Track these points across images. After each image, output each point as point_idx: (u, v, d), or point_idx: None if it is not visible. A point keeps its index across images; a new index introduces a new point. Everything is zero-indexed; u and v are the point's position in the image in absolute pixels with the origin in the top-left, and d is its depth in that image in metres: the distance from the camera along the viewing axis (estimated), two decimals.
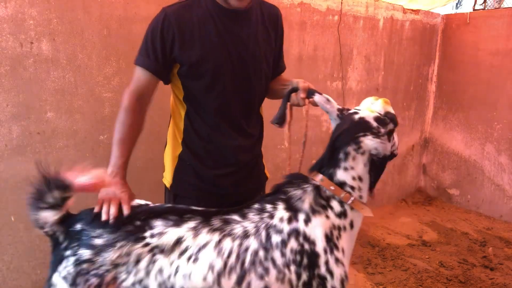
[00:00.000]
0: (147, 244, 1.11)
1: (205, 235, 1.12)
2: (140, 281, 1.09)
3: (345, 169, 1.20)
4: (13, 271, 2.13)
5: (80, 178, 1.11)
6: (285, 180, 1.25)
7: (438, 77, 4.16)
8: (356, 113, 1.23)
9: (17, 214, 2.10)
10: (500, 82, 3.69)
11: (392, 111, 1.25)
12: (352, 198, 1.20)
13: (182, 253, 1.10)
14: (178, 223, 1.14)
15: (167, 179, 1.59)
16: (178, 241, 1.11)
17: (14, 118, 1.99)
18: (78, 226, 1.15)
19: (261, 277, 1.08)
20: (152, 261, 1.10)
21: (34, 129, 2.06)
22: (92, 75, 2.16)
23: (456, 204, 4.09)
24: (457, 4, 6.27)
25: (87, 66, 2.13)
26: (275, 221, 1.15)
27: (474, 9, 3.94)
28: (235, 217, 1.17)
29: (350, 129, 1.20)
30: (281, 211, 1.17)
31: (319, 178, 1.23)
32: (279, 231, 1.13)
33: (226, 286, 1.07)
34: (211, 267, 1.08)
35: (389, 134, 1.22)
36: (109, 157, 2.47)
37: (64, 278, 1.12)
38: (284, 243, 1.11)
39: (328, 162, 1.23)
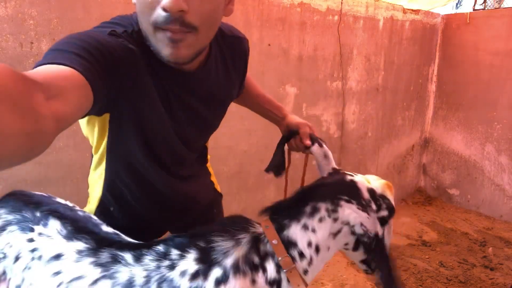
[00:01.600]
0: (31, 240, 0.94)
1: (85, 265, 0.89)
2: None
3: (305, 227, 0.91)
4: None
5: None
6: (219, 224, 0.95)
7: (438, 77, 4.16)
8: (350, 175, 0.98)
9: None
10: (500, 82, 3.69)
11: (391, 199, 0.97)
12: (293, 266, 0.89)
13: (55, 274, 0.89)
14: (69, 237, 0.94)
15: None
16: (58, 257, 0.90)
17: None
18: None
19: None
20: (27, 267, 0.91)
21: None
22: None
23: (456, 204, 4.09)
24: (457, 4, 6.27)
25: None
26: (174, 274, 0.86)
27: (474, 9, 3.94)
28: (128, 256, 0.90)
29: (335, 186, 0.95)
30: (188, 262, 0.87)
31: (264, 225, 0.93)
32: None
33: None
34: None
35: (382, 221, 0.95)
36: None
37: None
38: None
39: (287, 211, 0.95)
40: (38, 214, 1.00)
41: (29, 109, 0.51)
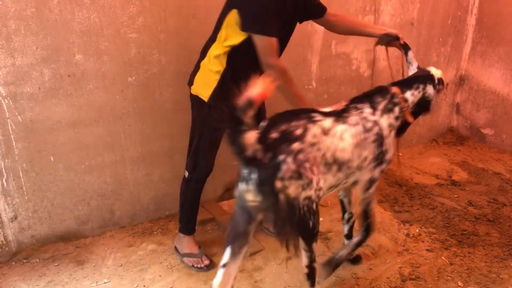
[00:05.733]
0: (316, 121, 1.63)
1: (342, 125, 1.69)
2: (314, 144, 1.56)
3: (412, 94, 1.92)
4: (57, 207, 2.28)
5: (252, 91, 1.26)
6: (374, 89, 1.92)
7: (479, 9, 3.85)
8: (429, 71, 2.01)
9: (56, 154, 2.20)
10: None
11: (443, 78, 2.04)
12: (405, 108, 1.89)
13: (334, 135, 1.64)
14: (325, 116, 1.68)
15: (204, 94, 1.93)
16: (330, 128, 1.64)
17: (45, 61, 2.02)
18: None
19: (365, 149, 1.74)
20: (323, 132, 1.61)
21: (64, 71, 2.09)
22: (117, 15, 2.13)
23: (490, 144, 3.97)
24: None
25: (111, 6, 2.10)
26: (366, 115, 1.77)
27: None
28: (352, 113, 1.75)
29: (427, 77, 1.98)
30: (368, 109, 1.79)
31: (395, 89, 1.89)
32: (369, 121, 1.76)
33: (356, 155, 1.71)
34: (351, 144, 1.69)
35: (438, 91, 2.02)
36: (139, 99, 2.52)
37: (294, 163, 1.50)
38: (371, 129, 1.75)
39: (405, 84, 1.95)
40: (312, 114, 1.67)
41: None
